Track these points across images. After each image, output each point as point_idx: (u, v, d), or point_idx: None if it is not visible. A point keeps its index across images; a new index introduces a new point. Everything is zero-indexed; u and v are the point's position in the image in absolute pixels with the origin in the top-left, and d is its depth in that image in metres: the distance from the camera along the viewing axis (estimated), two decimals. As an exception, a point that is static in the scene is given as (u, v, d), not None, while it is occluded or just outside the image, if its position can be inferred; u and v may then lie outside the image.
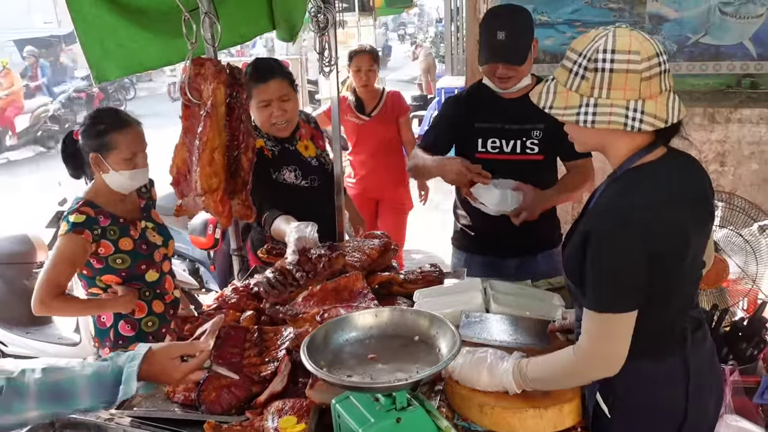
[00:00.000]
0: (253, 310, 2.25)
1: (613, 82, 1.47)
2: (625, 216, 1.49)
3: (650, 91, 1.48)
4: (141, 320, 2.61)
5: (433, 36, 21.27)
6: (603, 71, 1.47)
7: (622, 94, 1.47)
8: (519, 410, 1.67)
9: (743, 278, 2.61)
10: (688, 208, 1.57)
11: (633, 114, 1.47)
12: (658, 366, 1.64)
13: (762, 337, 2.33)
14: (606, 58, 1.47)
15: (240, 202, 2.48)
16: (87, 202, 2.48)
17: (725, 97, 4.03)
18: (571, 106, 1.52)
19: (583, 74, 1.50)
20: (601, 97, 1.49)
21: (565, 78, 1.54)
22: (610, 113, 1.48)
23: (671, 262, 1.54)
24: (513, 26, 2.46)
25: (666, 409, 1.66)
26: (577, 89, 1.52)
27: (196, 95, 2.20)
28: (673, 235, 1.52)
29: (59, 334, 4.23)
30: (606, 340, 1.53)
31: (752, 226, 2.63)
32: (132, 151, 2.47)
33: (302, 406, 1.72)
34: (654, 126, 1.49)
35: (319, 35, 2.72)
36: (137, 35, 2.92)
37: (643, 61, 1.46)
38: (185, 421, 1.80)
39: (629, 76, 1.46)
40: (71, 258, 2.42)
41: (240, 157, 2.37)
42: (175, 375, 1.59)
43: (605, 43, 1.48)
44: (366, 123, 4.57)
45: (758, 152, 3.99)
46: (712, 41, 3.99)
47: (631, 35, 1.49)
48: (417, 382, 1.44)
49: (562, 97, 1.54)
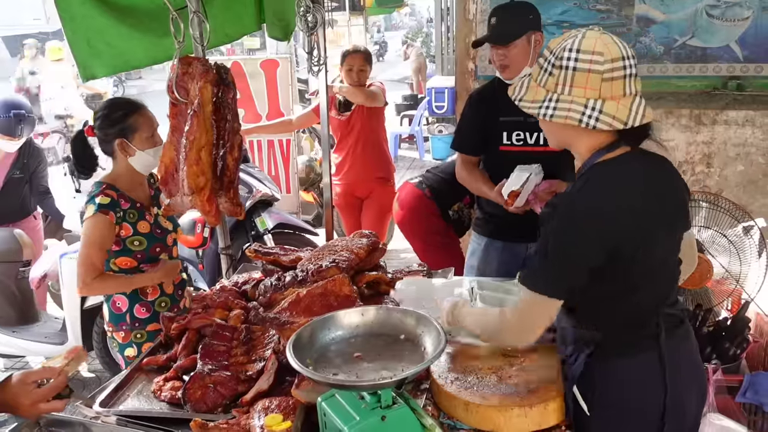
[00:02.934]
0: (240, 308, 2.24)
1: (575, 80, 1.55)
2: (580, 210, 1.56)
3: (612, 93, 1.54)
4: (154, 302, 2.68)
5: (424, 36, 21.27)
6: (567, 69, 1.56)
7: (583, 92, 1.54)
8: (504, 408, 1.68)
9: (727, 278, 2.64)
10: (653, 205, 1.60)
11: (590, 112, 1.54)
12: (633, 362, 1.68)
13: (745, 336, 2.36)
14: (571, 57, 1.55)
15: (228, 200, 2.48)
16: (109, 186, 2.56)
17: (711, 98, 4.06)
18: (537, 100, 1.61)
19: (550, 71, 1.59)
20: (563, 94, 1.57)
21: (537, 74, 1.64)
22: (568, 109, 1.56)
23: (633, 258, 1.58)
24: (506, 13, 2.67)
25: (643, 405, 1.68)
26: (544, 85, 1.60)
27: (183, 94, 2.20)
28: (634, 231, 1.57)
29: (46, 333, 4.21)
30: (530, 317, 1.64)
31: (737, 227, 2.65)
32: (152, 128, 2.56)
33: (288, 404, 1.73)
34: (611, 126, 1.54)
35: (308, 35, 2.73)
36: (124, 34, 2.92)
37: (606, 62, 1.53)
38: (172, 420, 1.80)
39: (591, 76, 1.53)
40: (101, 238, 2.50)
41: (225, 156, 2.38)
42: (24, 401, 1.45)
43: (573, 43, 1.56)
44: (347, 118, 4.52)
45: (744, 154, 4.03)
46: (699, 43, 4.02)
47: (599, 38, 1.55)
48: (402, 381, 1.45)
49: (532, 91, 1.63)
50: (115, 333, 2.68)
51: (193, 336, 2.14)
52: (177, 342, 2.17)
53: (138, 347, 2.64)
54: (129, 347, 2.66)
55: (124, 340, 2.67)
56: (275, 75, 5.93)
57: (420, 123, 10.15)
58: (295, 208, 6.17)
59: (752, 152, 4.01)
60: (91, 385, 4.20)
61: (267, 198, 4.66)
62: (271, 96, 5.97)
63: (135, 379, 2.06)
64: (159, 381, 1.98)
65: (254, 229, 4.55)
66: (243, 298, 2.40)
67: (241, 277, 2.62)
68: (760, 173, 4.03)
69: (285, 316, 2.06)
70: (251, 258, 2.67)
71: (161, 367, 2.10)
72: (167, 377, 1.98)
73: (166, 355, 2.13)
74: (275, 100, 6.00)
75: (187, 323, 2.16)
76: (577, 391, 1.70)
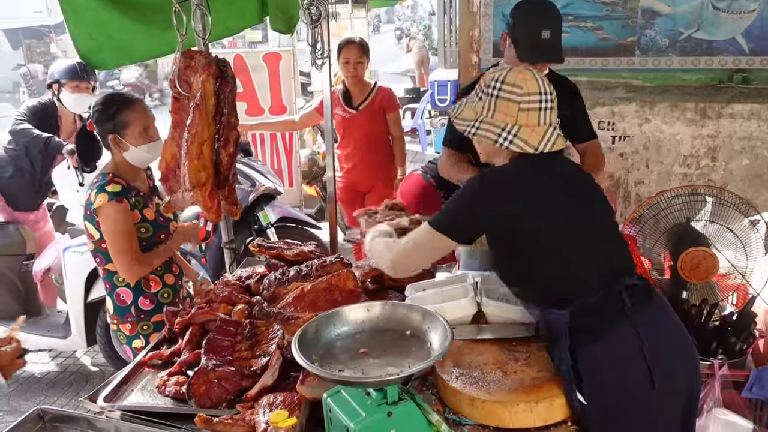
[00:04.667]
0: (244, 303, 2.24)
1: (497, 106, 1.81)
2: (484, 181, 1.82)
3: (527, 121, 1.80)
4: (157, 293, 2.70)
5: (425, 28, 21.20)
6: (492, 96, 1.83)
7: (502, 117, 1.81)
8: (510, 404, 1.68)
9: (733, 273, 2.62)
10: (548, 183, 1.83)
11: (506, 135, 1.80)
12: (609, 341, 1.71)
13: (751, 331, 2.34)
14: (496, 86, 1.82)
15: (223, 197, 2.47)
16: (115, 175, 2.56)
17: (717, 92, 4.04)
18: (467, 119, 1.88)
19: (480, 96, 1.86)
20: (487, 117, 1.83)
21: (472, 98, 1.90)
22: (487, 130, 1.83)
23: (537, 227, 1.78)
24: (557, 25, 2.56)
25: (629, 382, 1.71)
26: (474, 107, 1.87)
27: (186, 88, 2.18)
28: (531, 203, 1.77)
29: (50, 327, 4.21)
30: (421, 246, 1.88)
31: (742, 221, 2.63)
32: (144, 123, 2.55)
33: (293, 400, 1.72)
34: (522, 149, 1.80)
35: (312, 27, 2.70)
36: (126, 27, 2.91)
37: (523, 95, 1.79)
38: (176, 415, 1.79)
39: (510, 104, 1.80)
40: (124, 224, 2.51)
41: (220, 150, 2.36)
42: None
43: (500, 75, 1.83)
44: (353, 116, 4.49)
45: (749, 147, 4.01)
46: (704, 36, 4.00)
47: (522, 73, 1.83)
48: (409, 377, 1.44)
49: (467, 111, 1.89)
50: (121, 325, 2.69)
51: (197, 331, 2.14)
52: (181, 337, 2.17)
53: (145, 338, 2.66)
54: (136, 339, 2.68)
55: (131, 332, 2.68)
56: (278, 68, 5.91)
57: (422, 116, 10.13)
58: (297, 201, 6.16)
59: (758, 146, 3.99)
60: (94, 379, 4.21)
61: (270, 192, 4.65)
62: (274, 89, 5.95)
63: (139, 374, 2.05)
64: (163, 376, 1.97)
65: (257, 222, 4.55)
66: (247, 292, 2.39)
67: (245, 272, 2.61)
68: (766, 167, 4.02)
69: (289, 311, 2.06)
70: (255, 253, 2.66)
71: (165, 362, 2.09)
72: (171, 372, 1.98)
73: (170, 350, 2.12)
74: (278, 94, 5.98)
75: (191, 318, 2.16)
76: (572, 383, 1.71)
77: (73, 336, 4.03)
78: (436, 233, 1.84)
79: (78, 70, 4.04)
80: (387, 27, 33.55)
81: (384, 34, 29.43)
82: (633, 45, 4.11)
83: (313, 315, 1.97)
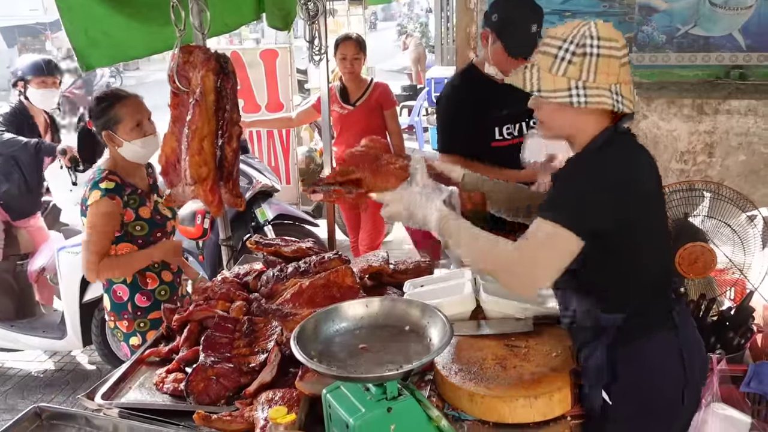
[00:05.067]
0: (242, 300, 2.23)
1: (599, 67, 1.58)
2: (608, 170, 1.61)
3: (625, 78, 1.61)
4: (154, 290, 2.69)
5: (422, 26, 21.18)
6: (591, 56, 1.57)
7: (606, 78, 1.58)
8: (509, 399, 1.68)
9: (731, 268, 2.62)
10: (653, 180, 1.71)
11: (615, 96, 1.59)
12: (652, 343, 1.69)
13: (749, 326, 2.35)
14: (593, 44, 1.57)
15: (227, 191, 2.46)
16: (111, 172, 2.56)
17: (714, 88, 4.04)
18: (559, 89, 1.60)
19: (570, 59, 1.59)
20: (588, 80, 1.58)
21: (548, 64, 1.62)
22: (599, 95, 1.58)
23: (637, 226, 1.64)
24: (541, 19, 2.55)
25: (664, 385, 1.70)
26: (564, 73, 1.59)
27: (185, 83, 2.18)
28: (640, 201, 1.64)
29: (45, 327, 4.19)
30: (547, 253, 1.58)
31: (740, 217, 2.63)
32: (136, 119, 2.55)
33: (292, 396, 1.72)
34: (629, 109, 1.61)
35: (309, 24, 2.70)
36: (123, 24, 2.88)
37: (621, 48, 1.60)
38: (174, 412, 1.79)
39: (611, 61, 1.58)
40: (107, 224, 2.51)
41: (224, 146, 2.36)
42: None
43: (589, 30, 1.58)
44: (349, 113, 4.48)
45: (746, 143, 4.01)
46: (701, 32, 4.00)
47: (608, 26, 1.62)
48: (408, 372, 1.44)
49: (548, 80, 1.61)
50: (118, 322, 2.69)
51: (195, 328, 2.14)
52: (179, 334, 2.16)
53: (142, 336, 2.66)
54: (133, 336, 2.68)
55: (128, 329, 2.68)
56: (275, 65, 5.91)
57: (419, 113, 10.12)
58: (295, 199, 6.16)
59: (754, 142, 3.99)
60: (91, 377, 4.19)
61: (267, 189, 4.65)
62: (271, 86, 5.95)
63: (137, 372, 2.05)
64: (161, 373, 1.96)
65: (254, 220, 4.54)
66: (245, 289, 2.39)
67: (243, 269, 2.60)
68: (762, 163, 4.02)
69: (287, 307, 2.05)
70: (252, 250, 2.65)
71: (163, 359, 2.08)
72: (169, 369, 1.97)
73: (168, 347, 2.12)
74: (275, 91, 5.97)
75: (189, 315, 2.15)
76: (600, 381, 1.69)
77: (69, 337, 4.02)
78: (561, 230, 1.56)
79: (43, 65, 4.06)
80: (383, 25, 33.51)
81: (381, 32, 29.39)
82: (630, 41, 4.10)
83: (311, 311, 1.97)
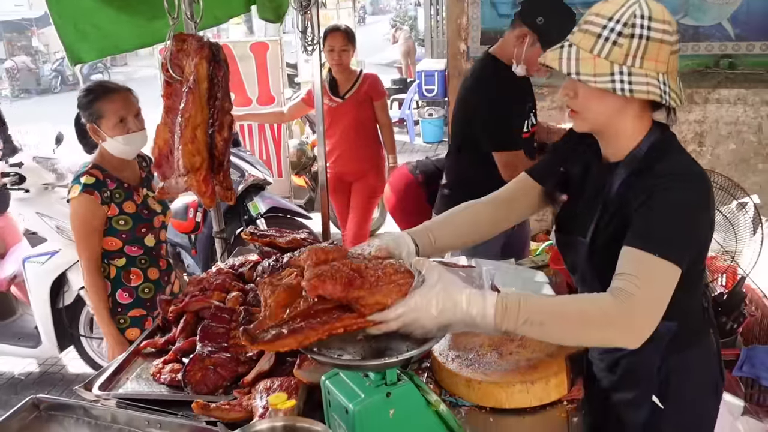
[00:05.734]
0: (238, 291, 2.23)
1: (647, 52, 1.38)
2: (693, 178, 1.44)
3: (674, 67, 1.43)
4: (138, 287, 2.68)
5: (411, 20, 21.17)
6: (640, 38, 1.38)
7: (654, 65, 1.39)
8: (506, 384, 1.69)
9: (722, 255, 2.65)
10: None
11: (664, 87, 1.40)
12: (700, 348, 1.69)
13: (741, 311, 2.38)
14: (644, 25, 1.38)
15: (218, 183, 2.46)
16: (95, 166, 2.58)
17: (703, 77, 4.07)
18: (601, 74, 1.40)
19: (616, 40, 1.39)
20: (634, 66, 1.39)
21: (590, 44, 1.42)
22: (647, 83, 1.39)
23: (707, 240, 1.56)
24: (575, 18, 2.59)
25: (705, 388, 1.71)
26: (607, 56, 1.40)
27: (178, 72, 2.18)
28: (713, 204, 1.54)
29: (20, 335, 4.14)
30: (660, 293, 1.35)
31: (731, 204, 2.66)
32: (119, 116, 2.54)
33: (290, 384, 1.72)
34: (676, 103, 1.43)
35: (302, 14, 2.69)
36: (112, 16, 2.87)
37: (674, 33, 1.41)
38: (172, 402, 1.79)
39: (662, 47, 1.39)
40: (88, 219, 2.53)
41: (214, 135, 2.35)
42: None
43: (640, 9, 1.39)
44: (339, 105, 4.45)
45: (735, 132, 4.05)
46: (690, 22, 4.02)
47: (662, 7, 1.42)
48: (408, 360, 1.44)
49: (587, 63, 1.41)
50: None
51: (191, 318, 2.13)
52: (175, 325, 2.16)
53: (121, 332, 2.65)
54: None
55: None
56: (265, 58, 5.89)
57: (410, 107, 10.13)
58: (287, 192, 6.15)
59: (744, 131, 4.03)
60: (84, 375, 4.16)
61: (259, 182, 4.64)
62: (261, 79, 5.93)
63: (133, 363, 2.04)
64: (158, 364, 1.96)
65: (247, 213, 4.54)
66: (240, 280, 2.38)
67: (238, 260, 2.60)
68: (752, 151, 4.06)
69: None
70: (247, 241, 2.64)
71: (159, 350, 2.08)
72: (166, 360, 1.97)
73: (164, 338, 2.11)
74: (265, 84, 5.96)
75: (185, 306, 2.15)
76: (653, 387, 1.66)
77: (44, 345, 3.99)
78: (665, 263, 1.35)
79: None
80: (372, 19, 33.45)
81: (369, 26, 29.36)
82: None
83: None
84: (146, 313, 2.70)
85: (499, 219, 1.83)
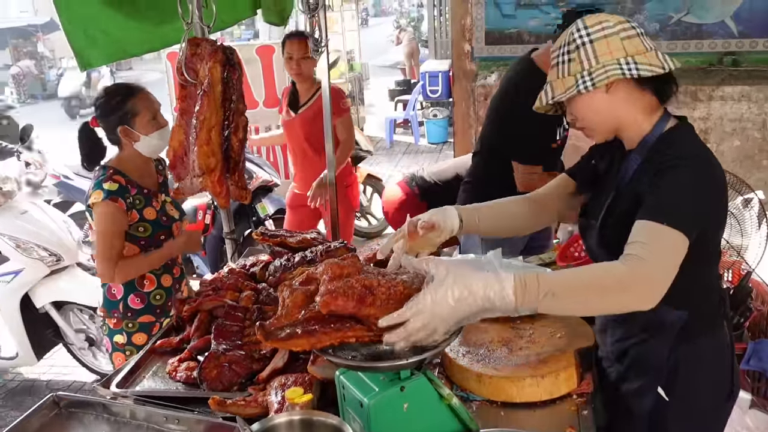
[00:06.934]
0: (251, 290, 2.26)
1: (597, 50, 1.55)
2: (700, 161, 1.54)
3: (636, 49, 1.55)
4: (150, 293, 2.68)
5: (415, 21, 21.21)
6: (584, 45, 1.56)
7: (609, 57, 1.54)
8: (517, 379, 1.71)
9: (728, 250, 2.68)
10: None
11: (627, 66, 1.53)
12: (712, 339, 1.71)
13: (748, 305, 2.40)
14: (582, 34, 1.57)
15: (233, 183, 2.49)
16: (116, 171, 2.53)
17: (707, 75, 4.09)
18: (569, 87, 1.60)
19: (569, 59, 1.59)
20: (593, 66, 1.56)
21: (555, 74, 1.64)
22: (605, 72, 1.54)
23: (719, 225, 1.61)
24: None
25: (716, 382, 1.73)
26: (568, 73, 1.60)
27: (193, 75, 2.21)
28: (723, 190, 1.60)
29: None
30: (669, 258, 1.41)
31: (736, 200, 2.68)
32: (152, 111, 2.52)
33: (304, 381, 1.75)
34: (653, 71, 1.52)
35: (310, 17, 2.72)
36: (121, 22, 2.91)
37: (615, 24, 1.56)
38: (189, 399, 1.82)
39: (609, 40, 1.55)
40: (115, 226, 2.49)
41: (230, 136, 2.37)
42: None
43: (575, 26, 1.59)
44: (291, 120, 3.99)
45: (740, 129, 4.07)
46: (694, 20, 4.05)
47: (595, 15, 1.59)
48: (422, 361, 1.46)
49: (558, 86, 1.63)
50: (107, 318, 2.70)
51: (205, 317, 2.16)
52: (189, 324, 2.19)
53: (128, 336, 2.66)
54: (119, 334, 2.68)
55: (115, 326, 2.68)
56: (271, 61, 5.92)
57: (414, 108, 10.16)
58: (293, 194, 6.17)
59: (748, 127, 4.05)
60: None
61: (267, 184, 4.68)
62: (268, 82, 5.97)
63: (149, 361, 2.08)
64: (174, 362, 2.00)
65: (255, 214, 4.58)
66: (252, 280, 2.41)
67: (249, 260, 2.63)
68: (756, 148, 4.08)
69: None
70: (258, 241, 2.68)
71: (174, 349, 2.12)
72: (182, 358, 2.00)
73: (179, 337, 2.15)
74: (272, 87, 5.99)
75: (199, 305, 2.18)
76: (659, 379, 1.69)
77: (20, 356, 4.02)
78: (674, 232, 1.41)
79: None
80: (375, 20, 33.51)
81: (372, 28, 29.41)
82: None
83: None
84: (155, 320, 2.69)
85: (539, 215, 1.96)
